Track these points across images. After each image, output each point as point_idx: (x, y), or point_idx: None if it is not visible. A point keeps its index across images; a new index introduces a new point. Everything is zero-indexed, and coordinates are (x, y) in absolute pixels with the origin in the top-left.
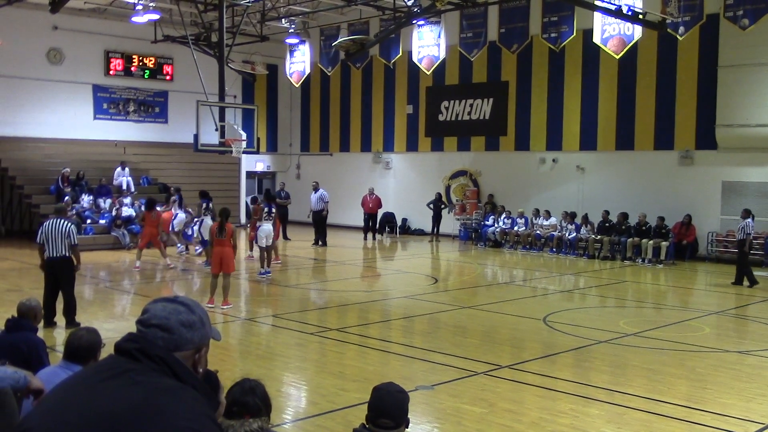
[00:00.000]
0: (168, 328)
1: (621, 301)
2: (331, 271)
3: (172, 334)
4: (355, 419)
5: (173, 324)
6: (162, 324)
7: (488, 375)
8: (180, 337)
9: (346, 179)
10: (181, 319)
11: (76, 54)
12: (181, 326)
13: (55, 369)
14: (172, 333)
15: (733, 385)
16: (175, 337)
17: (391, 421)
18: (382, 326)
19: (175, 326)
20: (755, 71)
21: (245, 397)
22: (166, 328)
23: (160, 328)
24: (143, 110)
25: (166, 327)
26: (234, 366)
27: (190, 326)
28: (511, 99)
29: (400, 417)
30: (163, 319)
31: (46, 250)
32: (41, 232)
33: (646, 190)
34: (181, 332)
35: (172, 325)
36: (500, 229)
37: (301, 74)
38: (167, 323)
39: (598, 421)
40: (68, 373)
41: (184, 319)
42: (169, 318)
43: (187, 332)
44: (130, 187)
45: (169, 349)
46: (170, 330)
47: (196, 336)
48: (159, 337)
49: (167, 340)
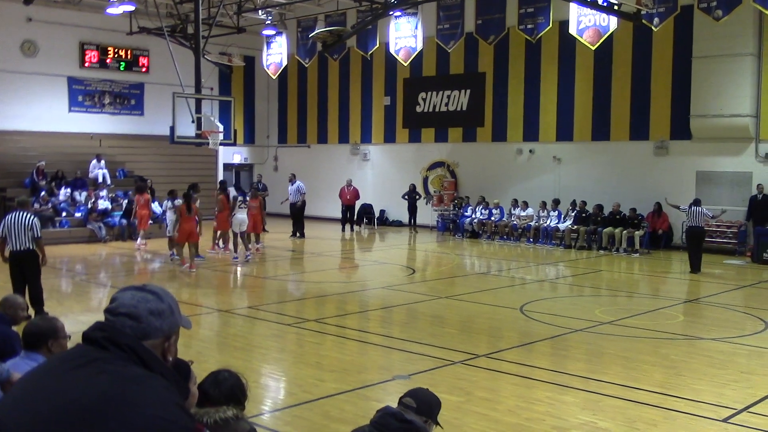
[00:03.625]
0: (136, 317)
1: (597, 290)
2: (309, 263)
3: (140, 323)
4: (332, 409)
5: (142, 312)
6: (130, 312)
7: (465, 364)
8: (148, 326)
9: (323, 171)
10: (149, 308)
11: (51, 46)
12: (149, 315)
13: (16, 360)
14: (141, 321)
15: (707, 372)
16: (144, 325)
17: (414, 401)
18: (359, 317)
19: (143, 315)
20: (729, 62)
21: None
22: (134, 317)
23: (129, 316)
24: (119, 102)
25: (135, 315)
26: (211, 357)
27: (158, 315)
28: (488, 90)
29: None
30: (131, 307)
31: (9, 243)
32: (3, 225)
33: (621, 180)
34: (149, 321)
35: (141, 314)
36: (477, 220)
37: (278, 66)
38: (135, 312)
39: (574, 409)
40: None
41: (152, 308)
42: (138, 306)
43: (156, 320)
44: (106, 180)
45: (137, 338)
46: (138, 318)
47: (165, 324)
48: (127, 326)
49: (135, 329)
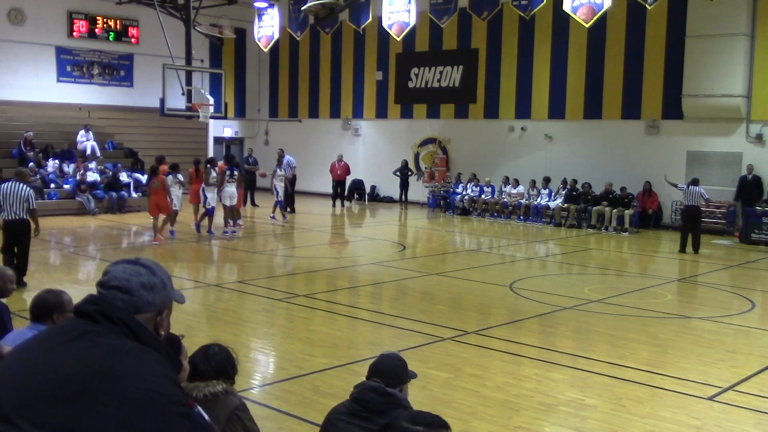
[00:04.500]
0: (128, 290)
1: (585, 269)
2: (299, 238)
3: (132, 296)
4: (322, 384)
5: (134, 286)
6: (122, 286)
7: (454, 340)
8: (140, 299)
9: (314, 146)
10: (141, 281)
11: (38, 14)
12: (141, 288)
13: (23, 331)
14: (132, 295)
15: (693, 350)
16: (136, 299)
17: (381, 380)
18: (350, 292)
19: (135, 288)
20: (722, 42)
21: (199, 362)
22: (126, 290)
23: (120, 289)
24: (108, 73)
25: (127, 289)
26: (200, 332)
27: (150, 288)
28: (481, 66)
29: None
30: (123, 280)
31: (4, 211)
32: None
33: (613, 159)
34: (141, 294)
35: (133, 287)
36: (468, 197)
37: (269, 39)
38: (127, 285)
39: (562, 385)
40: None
41: (144, 281)
42: (130, 280)
43: (148, 294)
44: (95, 152)
45: (129, 311)
46: (130, 292)
47: (158, 298)
48: (119, 299)
49: (127, 302)
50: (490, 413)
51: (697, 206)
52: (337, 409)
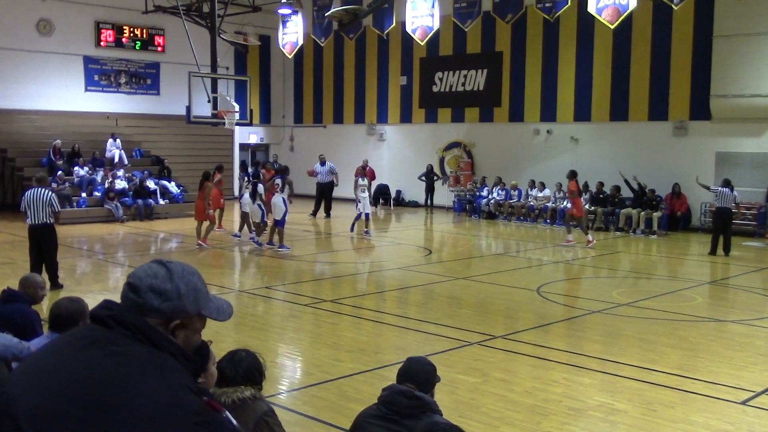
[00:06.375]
0: (136, 289)
1: (614, 272)
2: (326, 243)
3: (138, 297)
4: (349, 389)
5: (142, 286)
6: (133, 283)
7: (482, 345)
8: (145, 302)
9: (339, 151)
10: (151, 284)
11: (66, 25)
12: (150, 291)
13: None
14: (139, 295)
15: (725, 354)
16: (141, 300)
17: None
18: (376, 297)
19: (143, 289)
20: (750, 41)
21: (226, 368)
22: (134, 288)
23: (130, 287)
24: (135, 82)
25: (135, 287)
26: (228, 337)
27: (160, 294)
28: (505, 70)
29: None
30: (137, 278)
31: (29, 217)
32: (24, 200)
33: (640, 161)
34: (147, 297)
35: (141, 287)
36: (494, 201)
37: (294, 45)
38: (138, 283)
39: (591, 390)
40: None
41: (155, 285)
42: (142, 279)
43: (155, 299)
44: (122, 160)
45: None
46: (138, 291)
47: (165, 306)
48: (128, 297)
49: (132, 302)
50: (519, 418)
51: (728, 208)
52: (366, 412)
